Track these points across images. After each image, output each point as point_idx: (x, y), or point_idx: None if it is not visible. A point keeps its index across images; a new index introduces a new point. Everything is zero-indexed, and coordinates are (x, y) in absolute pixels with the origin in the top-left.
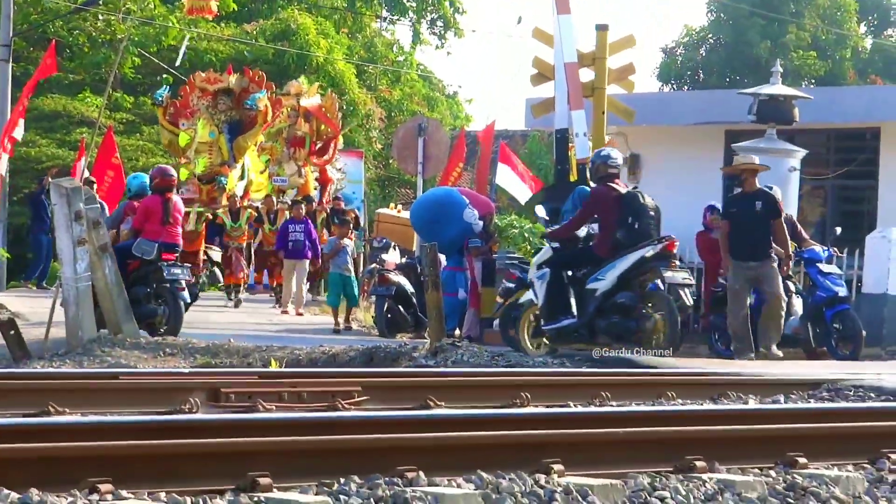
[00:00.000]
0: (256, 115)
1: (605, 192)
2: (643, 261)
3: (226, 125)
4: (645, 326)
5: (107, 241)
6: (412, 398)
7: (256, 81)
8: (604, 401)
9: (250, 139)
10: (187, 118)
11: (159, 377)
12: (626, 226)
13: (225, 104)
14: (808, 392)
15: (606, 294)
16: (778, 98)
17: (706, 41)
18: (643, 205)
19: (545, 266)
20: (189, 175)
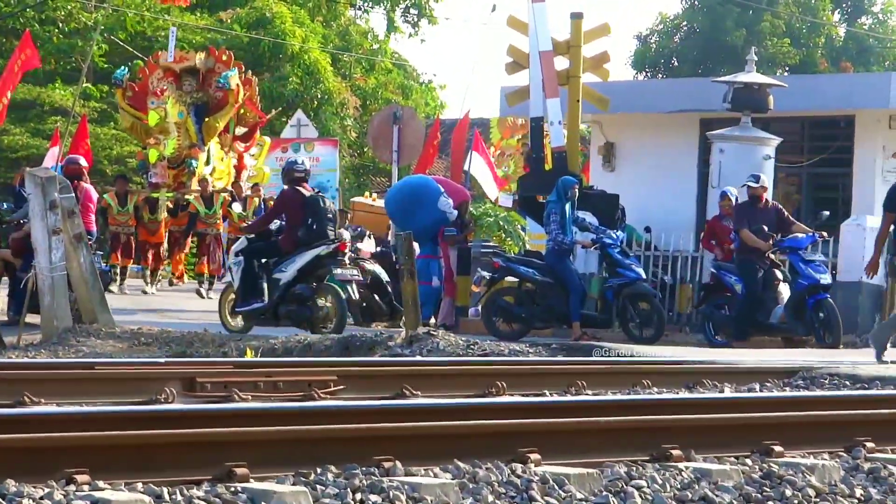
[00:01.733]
0: (227, 95)
1: (292, 194)
2: (319, 258)
3: (192, 107)
4: (318, 314)
5: (81, 231)
6: (388, 387)
7: (224, 61)
8: (579, 389)
9: (221, 120)
10: (157, 96)
11: (135, 367)
12: (307, 226)
13: (190, 85)
14: (784, 380)
15: (288, 284)
16: (752, 86)
17: (681, 29)
18: (324, 208)
19: (241, 255)
20: (159, 157)
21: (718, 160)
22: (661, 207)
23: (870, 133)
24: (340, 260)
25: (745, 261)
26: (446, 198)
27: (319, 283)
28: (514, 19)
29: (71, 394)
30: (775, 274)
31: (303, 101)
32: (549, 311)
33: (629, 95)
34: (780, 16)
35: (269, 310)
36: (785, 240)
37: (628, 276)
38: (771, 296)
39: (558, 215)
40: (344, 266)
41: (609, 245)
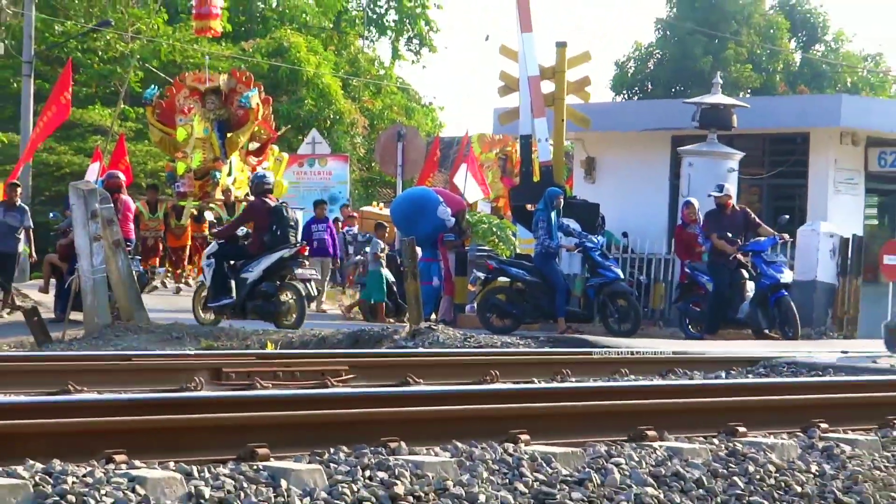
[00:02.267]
0: (248, 113)
1: (260, 204)
2: (282, 259)
3: (215, 123)
4: (281, 309)
5: (120, 238)
6: (394, 376)
7: (244, 82)
8: (564, 377)
9: (243, 135)
10: (185, 114)
11: (167, 359)
12: (272, 231)
13: (214, 103)
14: (747, 368)
15: (254, 283)
16: (718, 106)
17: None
18: (286, 216)
19: (212, 257)
20: (186, 169)
21: (688, 173)
22: (637, 215)
23: (823, 148)
24: (301, 261)
25: (714, 262)
26: (445, 207)
27: (282, 282)
28: (505, 48)
29: (110, 383)
30: (742, 274)
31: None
32: (537, 307)
33: (608, 115)
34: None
35: (237, 306)
36: (749, 244)
37: (608, 276)
38: (738, 293)
39: (546, 222)
40: (304, 266)
41: (590, 248)
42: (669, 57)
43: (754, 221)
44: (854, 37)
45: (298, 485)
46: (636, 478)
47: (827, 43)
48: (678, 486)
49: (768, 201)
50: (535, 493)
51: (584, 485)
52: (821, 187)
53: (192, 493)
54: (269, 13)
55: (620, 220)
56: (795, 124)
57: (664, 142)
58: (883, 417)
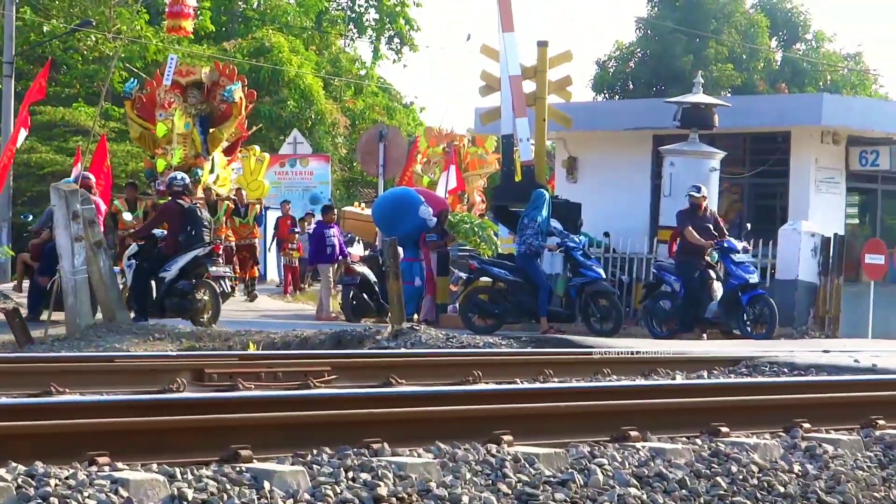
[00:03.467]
0: (231, 108)
1: (173, 206)
2: (197, 258)
3: (197, 118)
4: (196, 306)
5: (101, 238)
6: (376, 377)
7: (227, 75)
8: (547, 377)
9: (225, 131)
10: (165, 109)
11: (150, 360)
12: (186, 232)
13: (195, 97)
14: (729, 368)
15: (171, 281)
16: (699, 106)
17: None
18: (200, 217)
19: (132, 258)
20: (166, 166)
21: (669, 172)
22: (619, 214)
23: (804, 147)
24: (215, 259)
25: (684, 262)
26: (426, 207)
27: (198, 280)
28: (486, 47)
29: (92, 384)
30: (710, 274)
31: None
32: (520, 307)
33: (590, 115)
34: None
35: (157, 303)
36: (724, 240)
37: (590, 275)
38: (707, 293)
39: (536, 222)
40: (218, 265)
41: (573, 248)
42: (650, 56)
43: (721, 229)
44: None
45: (282, 486)
46: (619, 478)
47: (808, 42)
48: (661, 486)
49: (750, 200)
50: (518, 494)
51: (567, 486)
52: (802, 186)
53: (175, 494)
54: (250, 13)
55: (602, 219)
56: (776, 123)
57: (646, 141)
58: (865, 417)
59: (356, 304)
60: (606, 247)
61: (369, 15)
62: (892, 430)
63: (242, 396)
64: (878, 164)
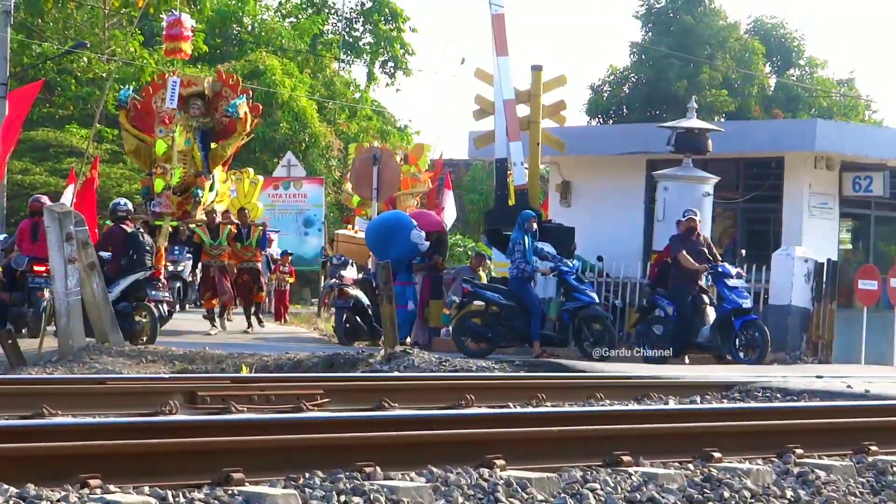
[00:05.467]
0: (235, 123)
1: (117, 231)
2: (138, 282)
3: (198, 132)
4: (136, 328)
5: (94, 260)
6: (369, 400)
7: (231, 86)
8: (540, 402)
9: (228, 147)
10: (165, 124)
11: (142, 382)
12: (129, 256)
13: (198, 109)
14: (722, 393)
15: (113, 303)
16: (693, 131)
17: (629, 80)
18: (142, 242)
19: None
20: (164, 186)
21: (663, 197)
22: (612, 239)
23: (797, 173)
24: (155, 284)
25: (678, 286)
26: (418, 231)
27: (138, 303)
28: (480, 71)
29: (85, 406)
30: (703, 299)
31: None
32: (513, 331)
33: (583, 139)
34: (717, 68)
35: None
36: (718, 265)
37: (583, 299)
38: (699, 318)
39: (521, 245)
40: (158, 289)
41: (566, 272)
42: (644, 81)
43: (715, 254)
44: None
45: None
46: (611, 503)
47: (801, 67)
48: None
49: (743, 225)
50: None
51: None
52: (795, 211)
53: None
54: (244, 36)
55: (595, 243)
56: (770, 149)
57: (639, 166)
58: (858, 443)
59: (349, 327)
60: (600, 271)
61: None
62: (885, 455)
63: (235, 419)
64: (872, 190)
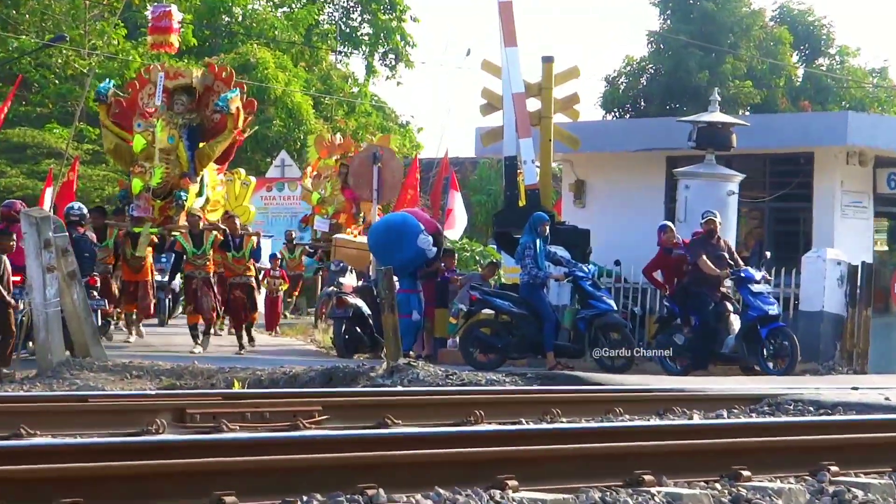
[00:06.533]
0: (225, 119)
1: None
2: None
3: (184, 130)
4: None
5: (75, 268)
6: (371, 417)
7: (224, 79)
8: (555, 417)
9: (217, 147)
10: (145, 118)
11: (126, 399)
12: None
13: (183, 104)
14: (750, 407)
15: None
16: (716, 125)
17: (647, 71)
18: (82, 248)
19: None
20: (143, 187)
21: (684, 196)
22: (630, 241)
23: (828, 169)
24: (90, 292)
25: (698, 294)
26: (426, 235)
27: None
28: (487, 63)
29: (65, 425)
30: (726, 306)
31: (286, 143)
32: (524, 341)
33: (598, 135)
34: (741, 58)
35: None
36: (741, 269)
37: (600, 307)
38: (723, 326)
39: (532, 250)
40: (93, 297)
41: (581, 278)
42: (663, 72)
43: (736, 259)
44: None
45: None
46: None
47: (831, 56)
48: None
49: (770, 226)
50: None
51: None
52: (826, 211)
53: None
54: (235, 27)
55: (612, 247)
56: (799, 143)
57: (658, 163)
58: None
59: (349, 338)
60: (617, 276)
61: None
62: None
63: (227, 439)
64: None
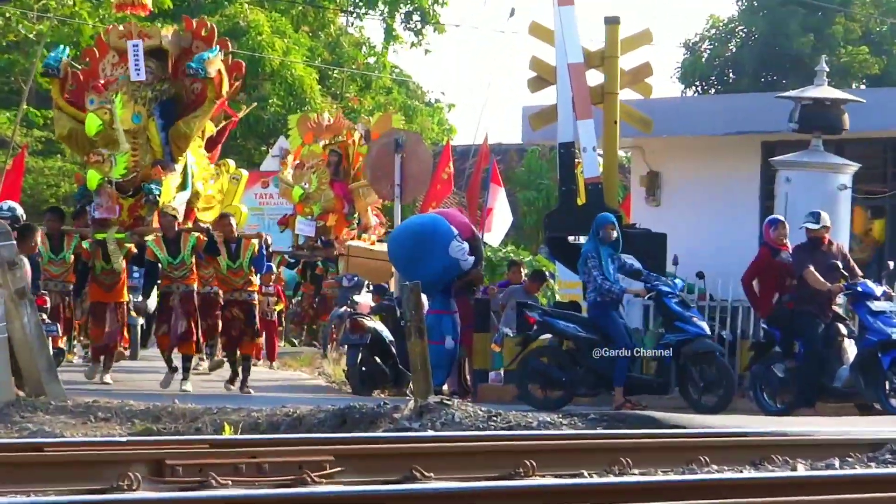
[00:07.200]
0: (205, 87)
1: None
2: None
3: (156, 105)
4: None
5: (25, 285)
6: (395, 468)
7: (204, 38)
8: (624, 468)
9: (194, 124)
10: (99, 92)
11: (91, 447)
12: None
13: (151, 72)
14: (869, 454)
15: None
16: (824, 102)
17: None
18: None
19: None
20: (101, 181)
21: (784, 191)
22: (717, 248)
23: None
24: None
25: (803, 313)
26: (460, 242)
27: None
28: (537, 26)
29: (16, 481)
30: (839, 329)
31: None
32: (594, 374)
33: (676, 115)
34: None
35: None
36: (858, 283)
37: (690, 331)
38: (834, 354)
39: (597, 259)
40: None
41: (666, 294)
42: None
43: (853, 269)
44: None
45: None
46: None
47: None
48: None
49: (893, 228)
50: None
51: None
52: None
53: None
54: None
55: (694, 255)
56: None
57: (752, 150)
58: None
59: (366, 370)
60: (701, 292)
61: None
62: None
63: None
64: None
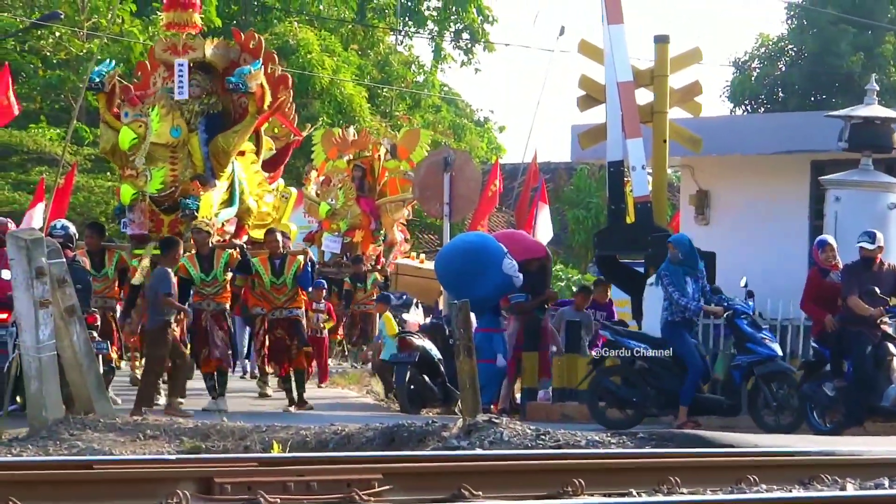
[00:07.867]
0: (247, 102)
1: None
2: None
3: (202, 119)
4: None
5: (74, 302)
6: (443, 487)
7: (252, 50)
8: (672, 487)
9: (234, 139)
10: (134, 104)
11: (140, 465)
12: None
13: (199, 86)
14: None
15: None
16: (874, 121)
17: (786, 53)
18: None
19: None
20: (135, 196)
21: (834, 210)
22: (766, 267)
23: None
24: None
25: (852, 333)
26: (511, 260)
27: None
28: (586, 44)
29: (65, 498)
30: (888, 348)
31: None
32: (664, 394)
33: (726, 134)
34: None
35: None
36: None
37: (761, 352)
38: (884, 374)
39: (670, 278)
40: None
41: (741, 314)
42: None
43: None
44: None
45: None
46: None
47: None
48: None
49: None
50: None
51: None
52: None
53: None
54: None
55: (743, 273)
56: None
57: (801, 169)
58: None
59: (414, 389)
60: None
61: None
62: None
63: None
64: None
